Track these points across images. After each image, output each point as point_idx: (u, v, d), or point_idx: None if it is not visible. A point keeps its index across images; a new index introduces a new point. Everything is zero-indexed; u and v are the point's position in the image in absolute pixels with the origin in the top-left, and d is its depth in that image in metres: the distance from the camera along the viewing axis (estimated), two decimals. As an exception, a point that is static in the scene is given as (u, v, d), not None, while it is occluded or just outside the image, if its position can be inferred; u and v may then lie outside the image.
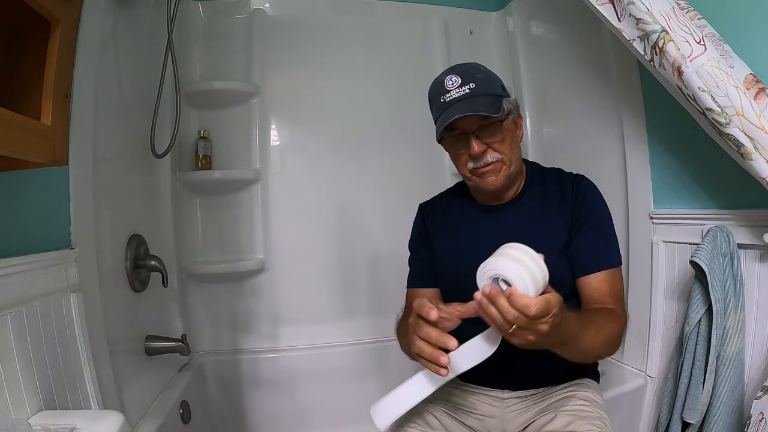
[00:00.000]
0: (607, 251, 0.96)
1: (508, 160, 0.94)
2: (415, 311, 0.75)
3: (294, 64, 1.78)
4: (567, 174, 1.05)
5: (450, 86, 0.91)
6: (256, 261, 1.71)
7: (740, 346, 1.03)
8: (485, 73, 0.94)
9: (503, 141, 0.93)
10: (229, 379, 1.67)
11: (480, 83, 0.91)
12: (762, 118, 0.86)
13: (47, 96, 0.69)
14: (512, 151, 0.95)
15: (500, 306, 0.65)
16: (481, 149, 0.92)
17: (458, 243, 1.04)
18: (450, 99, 0.91)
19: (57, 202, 0.93)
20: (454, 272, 1.02)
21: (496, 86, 0.94)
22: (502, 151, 0.93)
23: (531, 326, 0.65)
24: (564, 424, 0.87)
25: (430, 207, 1.13)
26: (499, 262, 0.67)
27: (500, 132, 0.93)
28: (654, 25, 0.91)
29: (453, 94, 0.91)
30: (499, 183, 0.95)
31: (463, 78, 0.91)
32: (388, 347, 1.77)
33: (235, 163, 1.73)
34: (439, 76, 0.95)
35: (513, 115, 0.96)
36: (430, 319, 0.72)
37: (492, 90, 0.92)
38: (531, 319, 0.64)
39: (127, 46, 1.26)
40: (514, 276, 0.65)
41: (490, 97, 0.91)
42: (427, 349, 0.73)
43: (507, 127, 0.94)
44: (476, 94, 0.90)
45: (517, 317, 0.64)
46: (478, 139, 0.92)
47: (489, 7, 2.00)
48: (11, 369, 0.72)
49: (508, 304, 0.64)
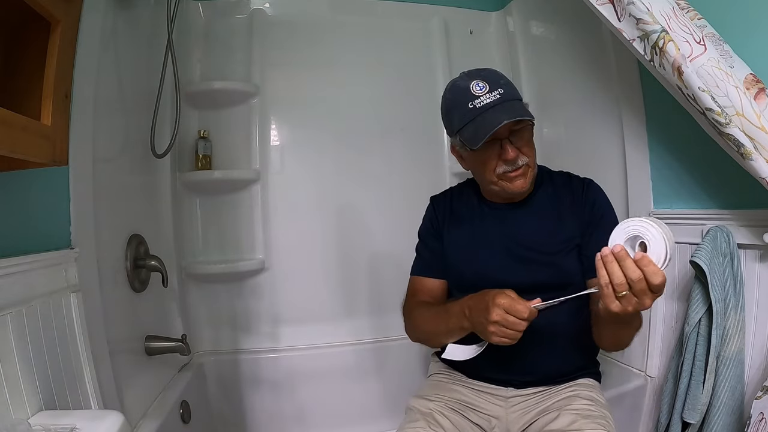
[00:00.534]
0: None
1: (533, 163, 0.98)
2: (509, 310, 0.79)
3: (294, 64, 1.78)
4: (576, 177, 1.08)
5: (479, 92, 0.91)
6: (256, 261, 1.71)
7: (740, 346, 1.03)
8: (505, 78, 0.96)
9: (529, 144, 0.96)
10: (229, 379, 1.67)
11: (507, 88, 0.92)
12: (762, 118, 0.86)
13: (47, 96, 0.69)
14: (534, 155, 0.98)
15: (626, 265, 0.67)
16: (515, 154, 0.93)
17: (467, 240, 1.05)
18: (482, 105, 0.90)
19: (57, 202, 0.93)
20: (462, 269, 1.05)
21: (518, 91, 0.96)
22: (529, 155, 0.96)
23: (643, 295, 0.67)
24: (568, 423, 0.87)
25: (442, 200, 1.14)
26: (647, 225, 0.69)
27: (528, 133, 0.95)
28: (654, 25, 0.91)
29: (484, 99, 0.90)
30: (527, 186, 0.98)
31: (490, 84, 0.91)
32: (388, 347, 1.77)
33: (235, 163, 1.73)
34: (459, 81, 0.95)
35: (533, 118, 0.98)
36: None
37: (517, 95, 0.95)
38: (649, 289, 0.66)
39: (127, 46, 1.26)
40: (658, 243, 0.67)
41: (519, 101, 0.93)
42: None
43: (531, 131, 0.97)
44: (508, 99, 0.91)
45: (639, 280, 0.66)
46: (512, 144, 0.93)
47: (489, 7, 2.00)
48: (11, 369, 0.72)
49: (635, 266, 0.66)
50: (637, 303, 0.69)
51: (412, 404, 1.00)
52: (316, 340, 1.75)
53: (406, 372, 1.73)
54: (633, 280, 0.67)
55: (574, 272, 0.98)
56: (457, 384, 1.05)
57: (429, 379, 1.12)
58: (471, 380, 1.05)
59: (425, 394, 1.03)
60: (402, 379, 1.70)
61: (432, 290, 1.09)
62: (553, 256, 0.98)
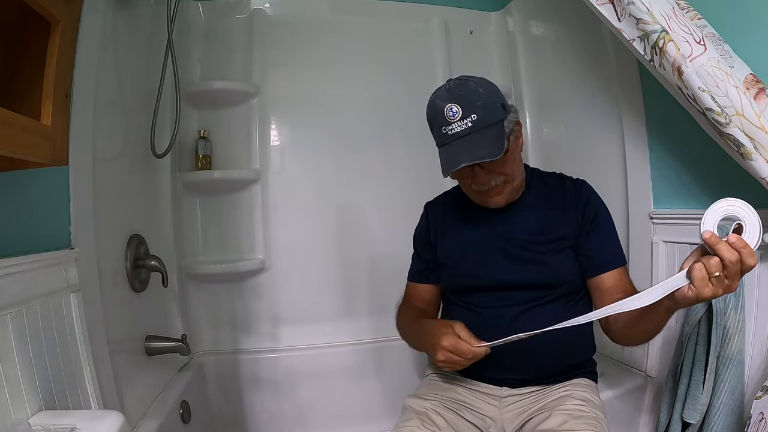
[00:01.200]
0: (617, 251, 1.01)
1: (512, 178, 0.97)
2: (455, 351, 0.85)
3: (294, 64, 1.78)
4: (569, 178, 1.09)
5: (451, 117, 0.88)
6: (256, 261, 1.71)
7: (740, 346, 1.03)
8: (485, 96, 0.90)
9: (506, 163, 0.94)
10: (229, 379, 1.67)
11: (482, 113, 0.88)
12: (762, 118, 0.86)
13: (47, 96, 0.69)
14: (515, 168, 0.97)
15: (723, 248, 0.65)
16: (484, 180, 0.94)
17: (460, 242, 1.07)
18: (453, 133, 0.89)
19: (57, 202, 0.93)
20: (456, 269, 1.06)
21: (497, 109, 0.91)
22: (505, 173, 0.95)
23: (735, 278, 0.66)
24: (558, 424, 0.87)
25: (435, 206, 1.16)
26: (745, 208, 0.68)
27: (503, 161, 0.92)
28: (654, 25, 0.91)
29: (455, 127, 0.88)
30: (503, 201, 0.99)
31: (463, 108, 0.88)
32: (388, 347, 1.77)
33: (235, 163, 1.73)
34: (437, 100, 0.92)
35: (514, 133, 0.95)
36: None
37: (494, 117, 0.89)
38: (742, 270, 0.65)
39: (127, 46, 1.26)
40: (754, 226, 0.67)
41: (494, 128, 0.89)
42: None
43: (511, 150, 0.94)
44: (479, 128, 0.88)
45: (736, 262, 0.65)
46: (482, 169, 0.93)
47: (489, 7, 2.00)
48: (11, 369, 0.72)
49: (732, 248, 0.65)
50: (728, 285, 0.67)
51: (407, 403, 1.01)
52: (316, 340, 1.75)
53: (406, 372, 1.73)
54: (731, 261, 0.65)
55: (567, 272, 1.00)
56: (452, 383, 1.06)
57: (425, 379, 1.13)
58: (466, 379, 1.06)
59: (421, 393, 1.04)
60: (401, 379, 1.70)
61: (423, 295, 1.14)
62: (544, 256, 0.99)
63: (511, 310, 0.98)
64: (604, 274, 0.98)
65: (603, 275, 0.98)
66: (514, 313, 0.98)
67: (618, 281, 0.98)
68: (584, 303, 1.04)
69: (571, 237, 1.00)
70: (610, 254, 1.00)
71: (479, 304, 1.03)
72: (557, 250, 1.00)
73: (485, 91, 0.91)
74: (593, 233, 1.00)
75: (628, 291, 0.96)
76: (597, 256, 0.99)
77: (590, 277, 1.00)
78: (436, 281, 1.12)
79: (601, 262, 0.99)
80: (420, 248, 1.15)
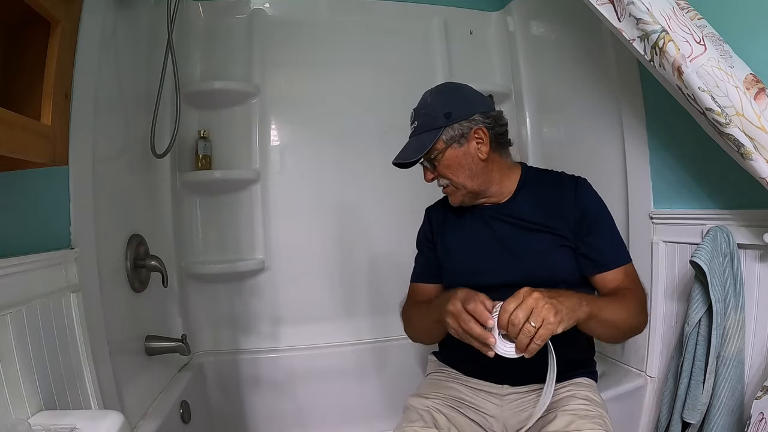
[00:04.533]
0: (620, 249, 1.02)
1: (461, 184, 1.02)
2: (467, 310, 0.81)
3: (294, 64, 1.78)
4: (567, 175, 1.09)
5: (411, 118, 1.05)
6: (256, 261, 1.71)
7: (740, 346, 1.03)
8: (430, 107, 1.02)
9: (448, 168, 1.01)
10: (229, 379, 1.67)
11: (422, 120, 1.01)
12: (762, 118, 0.86)
13: (47, 96, 0.69)
14: (462, 175, 1.02)
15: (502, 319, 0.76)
16: (429, 178, 1.06)
17: (459, 243, 1.09)
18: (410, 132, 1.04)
19: (57, 202, 0.93)
20: (455, 270, 1.08)
21: (435, 118, 1.00)
22: (450, 177, 1.02)
23: (535, 313, 0.74)
24: (565, 424, 0.87)
25: (435, 210, 1.18)
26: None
27: (438, 164, 1.01)
28: (654, 25, 0.91)
29: (410, 128, 1.04)
30: (456, 202, 1.06)
31: (414, 114, 1.04)
32: (388, 347, 1.77)
33: (235, 163, 1.73)
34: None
35: (461, 140, 1.00)
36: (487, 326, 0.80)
37: (431, 124, 1.00)
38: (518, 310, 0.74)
39: (127, 46, 1.26)
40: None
41: (426, 134, 1.00)
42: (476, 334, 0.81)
43: (449, 156, 1.00)
44: (417, 133, 1.02)
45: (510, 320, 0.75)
46: (427, 168, 1.04)
47: (489, 7, 2.00)
48: (11, 369, 0.72)
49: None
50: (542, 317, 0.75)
51: (409, 403, 1.01)
52: (316, 340, 1.75)
53: (406, 372, 1.72)
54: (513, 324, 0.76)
55: (566, 268, 1.00)
56: (453, 382, 1.06)
57: (427, 378, 1.13)
58: (467, 378, 1.06)
59: (422, 392, 1.05)
60: (402, 379, 1.70)
61: (428, 294, 1.13)
62: (542, 253, 1.00)
63: None
64: (607, 272, 0.99)
65: (606, 274, 0.99)
66: None
67: (622, 276, 0.99)
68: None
69: (570, 236, 1.01)
70: (611, 253, 1.00)
71: None
72: (555, 248, 1.00)
73: (433, 101, 1.03)
74: (593, 233, 1.00)
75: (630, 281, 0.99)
76: (598, 257, 1.00)
77: (592, 276, 1.01)
78: (440, 281, 1.13)
79: (603, 261, 0.99)
80: (423, 247, 1.17)
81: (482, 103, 1.04)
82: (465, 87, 1.07)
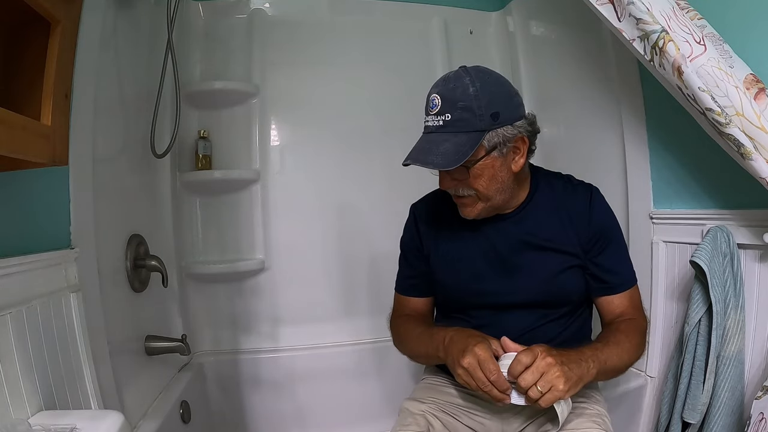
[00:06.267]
0: (630, 271, 0.99)
1: (485, 196, 0.88)
2: (481, 365, 0.78)
3: (294, 64, 1.78)
4: (579, 184, 1.00)
5: (431, 108, 0.84)
6: (256, 261, 1.71)
7: (740, 346, 1.03)
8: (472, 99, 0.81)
9: (479, 178, 0.86)
10: (229, 379, 1.67)
11: (458, 115, 0.81)
12: (762, 118, 0.86)
13: (47, 96, 0.69)
14: (491, 187, 0.87)
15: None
16: (450, 185, 0.88)
17: (457, 251, 1.00)
18: (427, 125, 0.86)
19: (57, 202, 0.93)
20: (453, 280, 1.00)
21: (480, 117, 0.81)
22: (477, 188, 0.87)
23: (544, 378, 0.74)
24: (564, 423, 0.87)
25: (423, 208, 1.07)
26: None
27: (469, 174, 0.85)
28: (654, 25, 0.91)
29: (430, 120, 0.84)
30: (473, 215, 0.91)
31: (443, 103, 0.82)
32: (388, 347, 1.74)
33: (235, 163, 1.73)
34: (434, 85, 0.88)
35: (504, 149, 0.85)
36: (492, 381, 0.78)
37: (470, 124, 0.81)
38: (528, 372, 0.74)
39: (127, 46, 1.26)
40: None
41: (463, 136, 0.81)
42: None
43: (483, 165, 0.85)
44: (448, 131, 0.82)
45: (519, 379, 0.74)
46: (448, 174, 0.87)
47: (489, 7, 2.00)
48: (11, 369, 0.72)
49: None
50: (552, 383, 0.74)
51: (404, 406, 0.99)
52: (316, 340, 1.75)
53: (406, 372, 1.72)
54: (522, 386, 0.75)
55: (573, 290, 0.96)
56: (449, 387, 1.04)
57: (422, 382, 1.10)
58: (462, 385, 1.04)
59: (418, 396, 1.02)
60: (401, 380, 1.70)
61: (417, 308, 1.08)
62: (550, 274, 0.94)
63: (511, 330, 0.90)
64: (614, 296, 0.96)
65: (613, 298, 0.96)
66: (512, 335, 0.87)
67: (627, 301, 0.97)
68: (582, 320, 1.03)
69: (580, 254, 0.95)
70: (621, 275, 0.97)
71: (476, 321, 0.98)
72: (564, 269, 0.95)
73: (478, 93, 0.82)
74: (605, 253, 0.96)
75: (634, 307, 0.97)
76: (609, 278, 0.96)
77: (597, 296, 0.98)
78: (428, 294, 1.06)
79: (613, 284, 0.96)
80: (410, 255, 1.06)
81: (522, 104, 0.89)
82: (504, 79, 0.89)
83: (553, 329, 0.96)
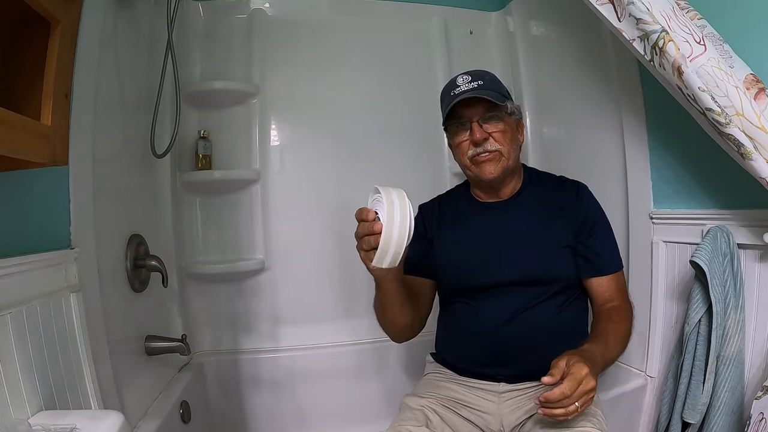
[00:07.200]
0: (616, 256, 1.05)
1: (507, 153, 1.02)
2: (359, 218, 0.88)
3: (294, 64, 1.77)
4: (567, 180, 1.12)
5: (461, 82, 1.01)
6: (256, 261, 1.71)
7: (740, 346, 1.03)
8: (494, 77, 1.04)
9: (504, 133, 1.01)
10: (229, 379, 1.67)
11: (488, 82, 1.01)
12: (762, 118, 0.86)
13: (47, 96, 0.69)
14: (511, 146, 1.03)
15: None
16: (482, 136, 1.00)
17: (456, 240, 1.09)
18: (459, 92, 1.00)
19: (57, 202, 0.93)
20: (455, 265, 1.07)
21: (503, 88, 1.04)
22: (501, 143, 1.01)
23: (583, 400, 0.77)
24: (558, 421, 0.87)
25: (430, 207, 1.18)
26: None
27: (502, 123, 1.01)
28: (654, 25, 0.91)
29: (463, 88, 1.00)
30: (496, 173, 1.02)
31: (473, 76, 1.01)
32: (388, 347, 1.77)
33: (235, 163, 1.73)
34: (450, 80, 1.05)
35: (516, 116, 1.05)
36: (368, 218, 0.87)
37: (498, 89, 1.02)
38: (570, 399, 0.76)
39: (127, 46, 1.26)
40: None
41: (496, 93, 1.00)
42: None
43: (509, 122, 1.03)
44: (484, 88, 0.99)
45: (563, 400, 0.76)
46: (480, 126, 1.00)
47: (489, 7, 2.00)
48: (11, 369, 0.72)
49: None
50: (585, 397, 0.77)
51: (404, 402, 1.03)
52: (316, 340, 1.75)
53: (406, 372, 1.73)
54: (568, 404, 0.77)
55: (564, 269, 1.03)
56: (449, 382, 1.07)
57: (423, 378, 1.14)
58: (463, 378, 1.06)
59: (418, 392, 1.06)
60: (401, 379, 1.70)
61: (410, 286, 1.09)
62: (541, 253, 1.02)
63: (508, 308, 1.00)
64: (602, 277, 1.02)
65: (603, 280, 1.02)
66: (510, 312, 1.00)
67: (614, 286, 1.04)
68: (579, 303, 1.06)
69: (570, 236, 1.03)
70: (608, 259, 1.04)
71: (476, 302, 1.04)
72: (555, 249, 1.02)
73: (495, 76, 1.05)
74: (594, 236, 1.03)
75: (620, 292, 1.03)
76: (597, 260, 1.02)
77: (587, 279, 1.03)
78: (425, 275, 1.12)
79: (601, 265, 1.03)
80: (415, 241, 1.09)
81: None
82: None
83: (546, 310, 1.00)
